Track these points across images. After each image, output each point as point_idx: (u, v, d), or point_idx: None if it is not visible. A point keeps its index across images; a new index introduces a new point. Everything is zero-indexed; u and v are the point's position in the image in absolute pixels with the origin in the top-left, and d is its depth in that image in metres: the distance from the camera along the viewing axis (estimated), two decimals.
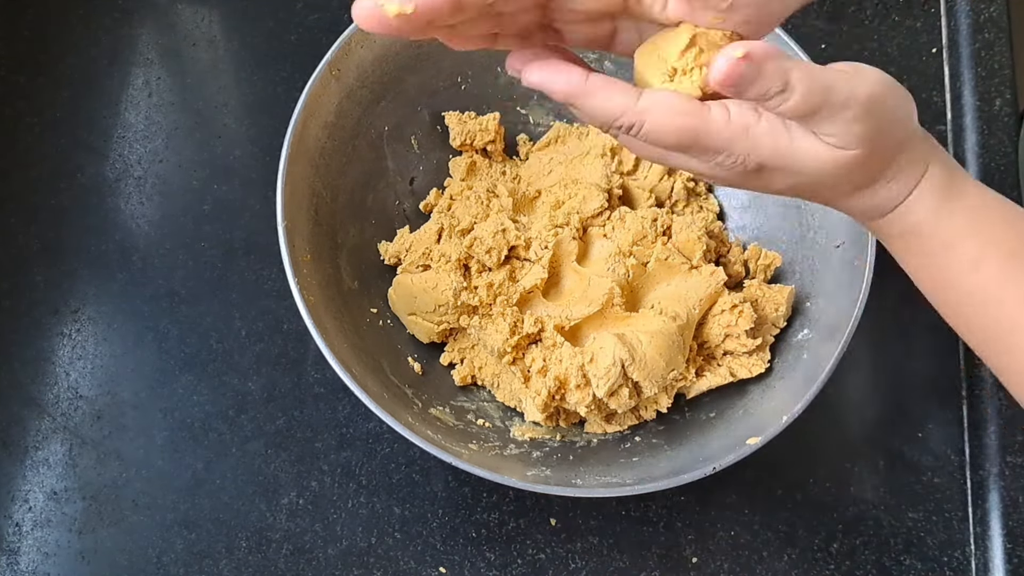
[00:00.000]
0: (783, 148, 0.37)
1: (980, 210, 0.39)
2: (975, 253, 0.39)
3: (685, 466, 0.52)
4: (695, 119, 0.36)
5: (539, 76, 0.37)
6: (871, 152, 0.37)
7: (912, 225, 0.40)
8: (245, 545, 0.59)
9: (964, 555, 0.60)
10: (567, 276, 0.60)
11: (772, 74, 0.34)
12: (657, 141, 0.37)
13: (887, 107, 0.37)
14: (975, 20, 0.71)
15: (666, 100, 0.36)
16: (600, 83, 0.37)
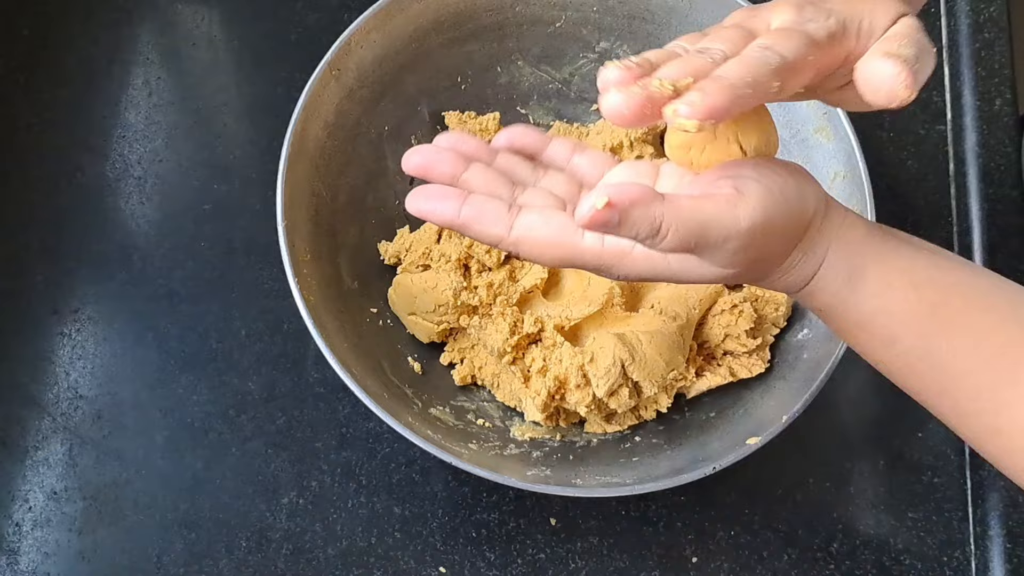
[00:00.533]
0: (660, 270, 0.37)
1: (885, 285, 0.38)
2: (887, 332, 0.39)
3: (685, 466, 0.52)
4: (566, 249, 0.37)
5: (421, 205, 0.39)
6: (754, 267, 0.37)
7: (826, 303, 0.40)
8: (245, 545, 0.59)
9: (964, 555, 0.60)
10: (567, 276, 0.60)
11: (639, 220, 0.33)
12: (536, 261, 0.38)
13: (772, 227, 0.36)
14: (975, 20, 0.71)
15: (536, 231, 0.37)
16: (474, 213, 0.38)
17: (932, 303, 0.38)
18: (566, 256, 0.37)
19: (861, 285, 0.38)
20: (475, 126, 0.64)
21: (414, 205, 0.39)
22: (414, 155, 0.41)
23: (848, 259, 0.38)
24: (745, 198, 0.35)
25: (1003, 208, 0.67)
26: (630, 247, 0.37)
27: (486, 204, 0.38)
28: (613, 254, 0.37)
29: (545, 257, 0.38)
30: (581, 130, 0.66)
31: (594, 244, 0.37)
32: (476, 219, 0.38)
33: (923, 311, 0.38)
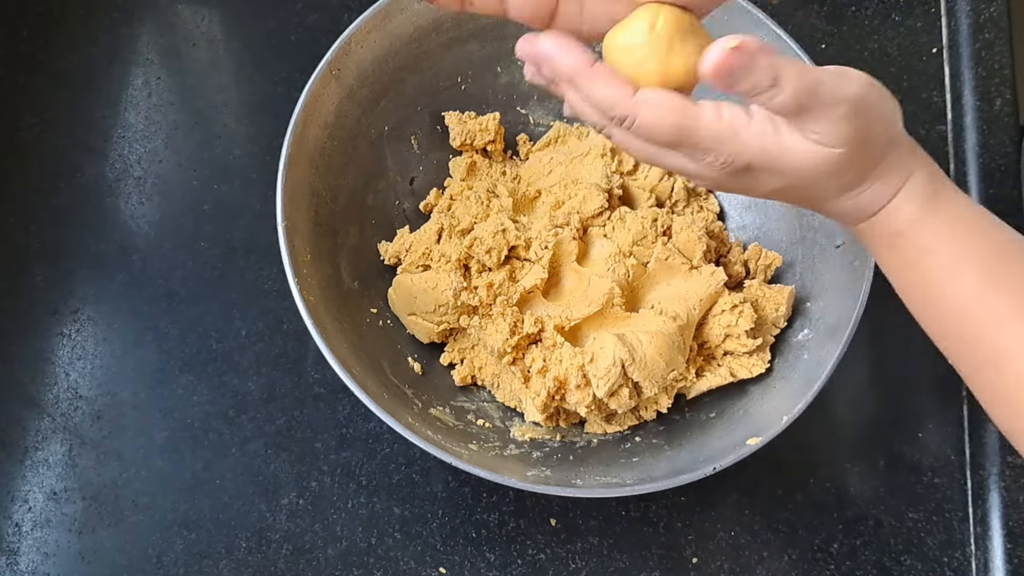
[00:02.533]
0: (771, 148, 0.37)
1: (960, 220, 0.40)
2: (953, 262, 0.40)
3: (685, 466, 0.52)
4: (686, 117, 0.37)
5: (551, 45, 0.38)
6: (857, 152, 0.38)
7: (893, 229, 0.40)
8: (245, 545, 0.59)
9: (964, 555, 0.60)
10: (567, 276, 0.60)
11: (763, 68, 0.34)
12: (648, 135, 0.38)
13: (874, 109, 0.37)
14: (975, 20, 0.71)
15: (660, 96, 0.37)
16: (605, 70, 0.37)
17: (999, 242, 0.40)
18: (683, 126, 0.37)
19: (940, 209, 0.40)
20: (475, 126, 0.64)
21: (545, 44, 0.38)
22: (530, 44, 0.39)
23: (931, 183, 0.40)
24: (849, 75, 0.37)
25: (1004, 208, 0.67)
26: (745, 121, 0.37)
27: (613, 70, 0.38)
28: (730, 126, 0.37)
29: (660, 124, 0.37)
30: (581, 130, 0.66)
31: (712, 114, 0.37)
32: (606, 74, 0.37)
33: (991, 247, 0.40)
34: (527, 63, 0.40)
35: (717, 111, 0.37)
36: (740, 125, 0.37)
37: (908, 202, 0.40)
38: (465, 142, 0.64)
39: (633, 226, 0.60)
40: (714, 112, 0.37)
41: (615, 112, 0.37)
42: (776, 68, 0.35)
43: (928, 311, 0.42)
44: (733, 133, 0.37)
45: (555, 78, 0.39)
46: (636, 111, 0.37)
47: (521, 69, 0.66)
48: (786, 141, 0.37)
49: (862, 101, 0.36)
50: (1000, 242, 0.40)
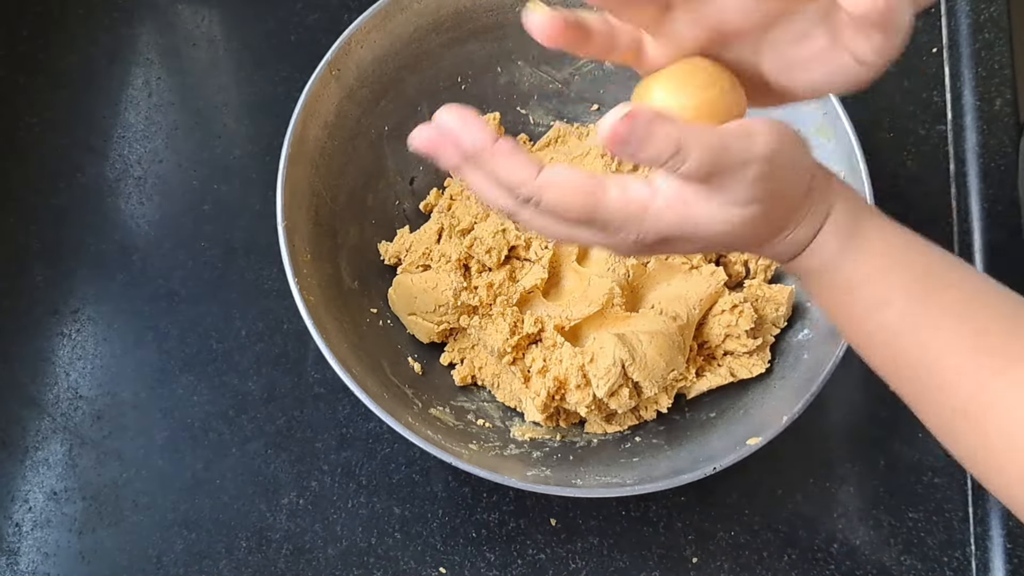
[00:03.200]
0: (681, 219, 0.36)
1: (883, 252, 0.39)
2: (878, 296, 0.39)
3: (685, 466, 0.52)
4: (592, 195, 0.36)
5: (453, 120, 0.36)
6: (771, 207, 0.37)
7: (817, 266, 0.40)
8: (245, 545, 0.59)
9: (964, 555, 0.60)
10: (567, 276, 0.60)
11: (661, 137, 0.33)
12: (556, 215, 0.36)
13: (785, 161, 0.36)
14: (975, 20, 0.71)
15: (566, 177, 0.36)
16: (508, 145, 0.36)
17: (926, 272, 0.39)
18: (589, 206, 0.36)
19: (863, 244, 0.39)
20: None
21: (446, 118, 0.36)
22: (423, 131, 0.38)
23: (852, 218, 0.39)
24: (758, 130, 0.35)
25: (1003, 208, 0.67)
26: (651, 198, 0.36)
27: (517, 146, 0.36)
28: (638, 204, 0.36)
29: (569, 207, 0.36)
30: (581, 130, 0.66)
31: (618, 195, 0.36)
32: (509, 153, 0.36)
33: (918, 277, 0.39)
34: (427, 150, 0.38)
35: (623, 190, 0.36)
36: (647, 201, 0.36)
37: (828, 241, 0.39)
38: None
39: None
40: (620, 191, 0.36)
41: (520, 192, 0.36)
42: (677, 135, 0.34)
43: (861, 342, 0.41)
44: (641, 210, 0.36)
45: (456, 160, 0.37)
46: (540, 193, 0.36)
47: (521, 69, 0.66)
48: (696, 210, 0.36)
49: (771, 158, 0.35)
50: (924, 273, 0.39)
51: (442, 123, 0.36)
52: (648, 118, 0.33)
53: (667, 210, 0.36)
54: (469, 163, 0.36)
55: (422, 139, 0.37)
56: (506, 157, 0.36)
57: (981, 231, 0.66)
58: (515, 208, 0.37)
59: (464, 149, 0.36)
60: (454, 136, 0.36)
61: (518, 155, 0.36)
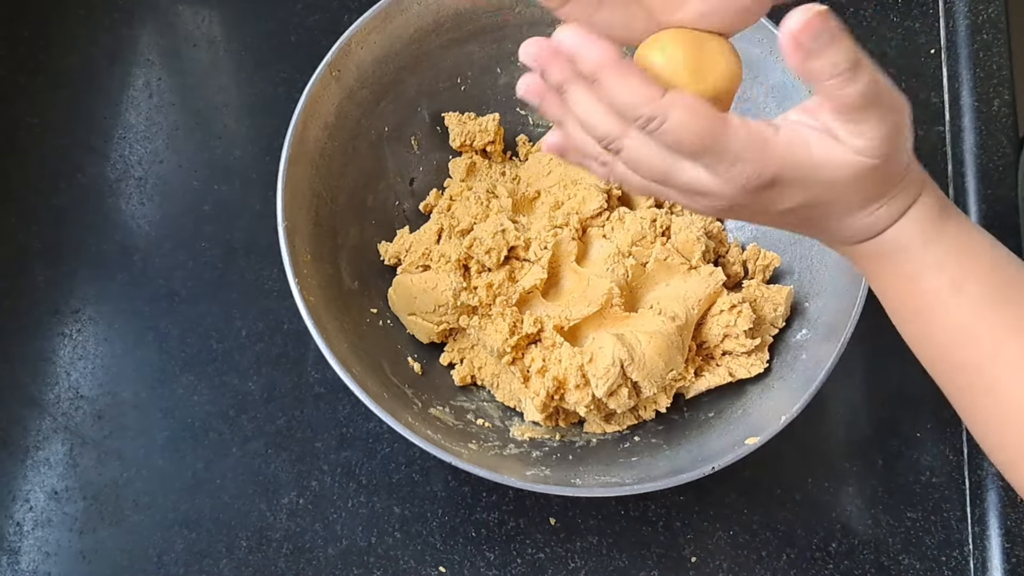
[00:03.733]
0: (802, 159, 0.35)
1: (963, 244, 0.39)
2: (951, 285, 0.38)
3: (684, 466, 0.52)
4: (717, 123, 0.35)
5: (574, 36, 0.35)
6: (886, 166, 0.36)
7: (898, 247, 0.39)
8: (245, 545, 0.59)
9: (962, 555, 0.60)
10: (566, 276, 0.60)
11: (845, 48, 0.32)
12: (676, 140, 0.35)
13: (908, 126, 0.36)
14: (973, 21, 0.71)
15: (691, 99, 0.35)
16: (633, 66, 0.35)
17: (1004, 260, 0.39)
18: (713, 130, 0.34)
19: (941, 235, 0.39)
20: (475, 127, 0.64)
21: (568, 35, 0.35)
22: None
23: (935, 210, 0.39)
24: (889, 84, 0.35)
25: (1001, 209, 0.67)
26: (773, 133, 0.35)
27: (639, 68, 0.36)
28: (759, 136, 0.35)
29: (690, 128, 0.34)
30: None
31: (742, 125, 0.35)
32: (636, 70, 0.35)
33: (995, 264, 0.39)
34: (532, 68, 0.37)
35: (744, 121, 0.35)
36: (769, 135, 0.35)
37: (914, 223, 0.39)
38: (465, 143, 0.64)
39: (632, 226, 0.60)
40: (741, 121, 0.35)
41: (642, 112, 0.34)
42: (857, 53, 0.32)
43: (922, 335, 0.41)
44: (763, 142, 0.35)
45: (565, 80, 0.36)
46: (666, 113, 0.34)
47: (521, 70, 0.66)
48: (818, 151, 0.35)
49: (908, 116, 0.35)
50: (1001, 268, 0.39)
51: (562, 39, 0.35)
52: (838, 25, 0.32)
53: (787, 147, 0.35)
54: (581, 82, 0.35)
55: (530, 54, 0.36)
56: (633, 74, 0.34)
57: None
58: (621, 133, 0.36)
59: (586, 64, 0.35)
60: (575, 51, 0.35)
61: (644, 74, 0.35)
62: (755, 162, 0.35)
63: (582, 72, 0.35)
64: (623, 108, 0.35)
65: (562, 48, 0.35)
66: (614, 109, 0.35)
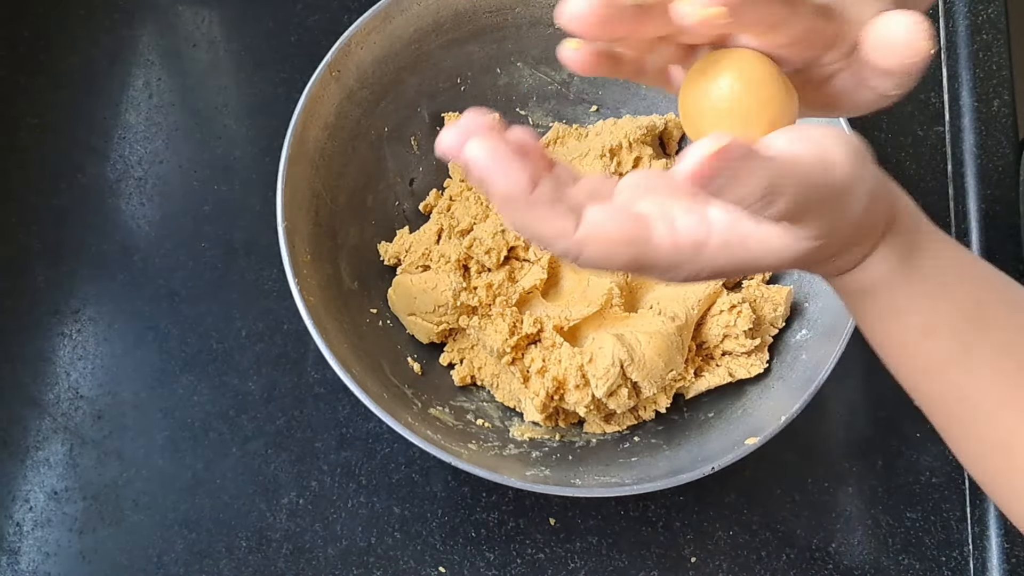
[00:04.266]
0: (740, 257, 0.33)
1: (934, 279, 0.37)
2: (923, 324, 0.37)
3: (684, 466, 0.52)
4: (636, 247, 0.32)
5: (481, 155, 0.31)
6: (832, 239, 0.34)
7: (864, 287, 0.37)
8: (245, 545, 0.59)
9: (962, 555, 0.60)
10: (566, 276, 0.60)
11: (756, 178, 0.29)
12: (600, 266, 0.33)
13: (864, 189, 0.33)
14: (973, 21, 0.71)
15: (606, 229, 0.32)
16: (546, 195, 0.32)
17: (977, 300, 0.37)
18: (637, 256, 0.32)
19: (915, 269, 0.36)
20: None
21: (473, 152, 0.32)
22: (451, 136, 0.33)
23: (907, 240, 0.36)
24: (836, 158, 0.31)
25: (1001, 209, 0.67)
26: (705, 236, 0.33)
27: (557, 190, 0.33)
28: (690, 246, 0.33)
29: (613, 258, 0.32)
30: (580, 131, 0.66)
31: (666, 239, 0.33)
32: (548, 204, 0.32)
33: (968, 306, 0.37)
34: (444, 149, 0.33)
35: (672, 231, 0.32)
36: (700, 243, 0.33)
37: (880, 262, 0.36)
38: None
39: None
40: (668, 232, 0.32)
41: (558, 246, 0.32)
42: (769, 176, 0.29)
43: (902, 369, 0.39)
44: (694, 251, 0.33)
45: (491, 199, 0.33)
46: (581, 249, 0.32)
47: (520, 70, 0.66)
48: (756, 246, 0.33)
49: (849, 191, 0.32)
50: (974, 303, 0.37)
51: (473, 157, 0.32)
52: (741, 155, 0.28)
53: (724, 249, 0.33)
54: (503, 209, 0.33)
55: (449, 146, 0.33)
56: (541, 209, 0.32)
57: (978, 232, 0.66)
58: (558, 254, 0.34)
59: (493, 194, 0.32)
60: (483, 178, 0.32)
61: (556, 204, 0.32)
62: (688, 270, 0.33)
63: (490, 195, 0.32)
64: (540, 242, 0.33)
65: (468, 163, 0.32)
66: None
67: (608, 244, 0.32)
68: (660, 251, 0.32)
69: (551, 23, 0.64)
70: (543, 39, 0.64)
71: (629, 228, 0.32)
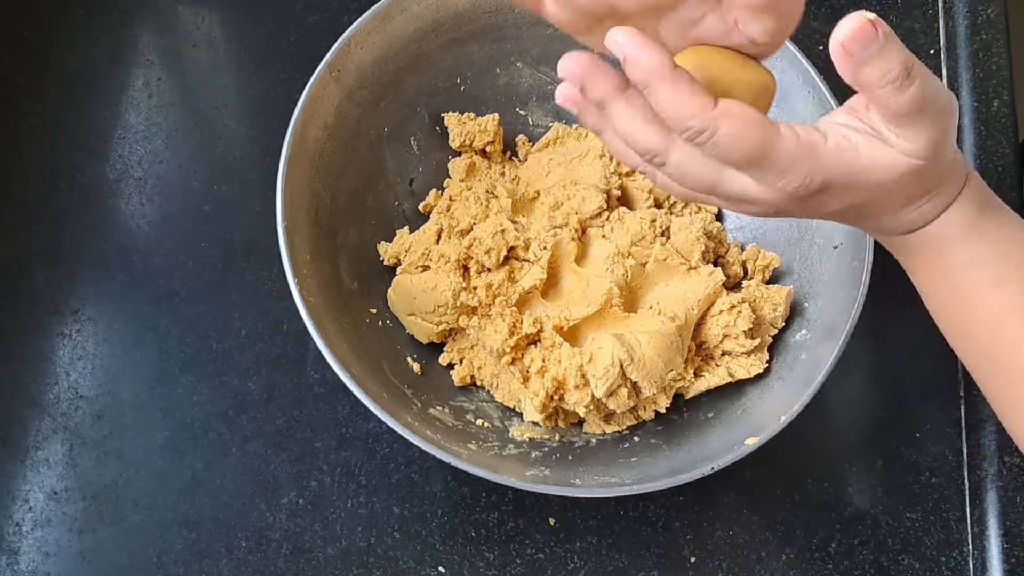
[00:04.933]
0: (851, 164, 0.35)
1: (1005, 237, 0.40)
2: (992, 278, 0.39)
3: (684, 466, 0.52)
4: (768, 133, 0.34)
5: (629, 43, 0.33)
6: (933, 166, 0.36)
7: (941, 240, 0.40)
8: (245, 545, 0.59)
9: (962, 555, 0.60)
10: (566, 276, 0.60)
11: (897, 56, 0.32)
12: (727, 151, 0.34)
13: (954, 122, 0.36)
14: (973, 21, 0.71)
15: (742, 110, 0.34)
16: (686, 76, 0.33)
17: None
18: (764, 143, 0.34)
19: (983, 229, 0.39)
20: (474, 127, 0.64)
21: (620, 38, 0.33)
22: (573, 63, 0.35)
23: (978, 203, 0.39)
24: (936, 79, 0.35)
25: None
26: (822, 139, 0.35)
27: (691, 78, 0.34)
28: (810, 145, 0.35)
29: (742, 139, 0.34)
30: (580, 131, 0.66)
31: (791, 135, 0.35)
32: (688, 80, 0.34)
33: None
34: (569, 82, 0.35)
35: (793, 129, 0.35)
36: (818, 142, 0.35)
37: (957, 216, 0.39)
38: (464, 143, 0.64)
39: (632, 227, 0.60)
40: (790, 130, 0.35)
41: (691, 124, 0.33)
42: (909, 58, 0.32)
43: (960, 326, 0.41)
44: (812, 150, 0.35)
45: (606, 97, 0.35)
46: (716, 124, 0.33)
47: (520, 70, 0.66)
48: (867, 155, 0.35)
49: (954, 114, 0.36)
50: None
51: (617, 40, 0.33)
52: (888, 32, 0.32)
53: (836, 153, 0.35)
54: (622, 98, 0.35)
55: (568, 70, 0.35)
56: (684, 83, 0.33)
57: None
58: (665, 148, 0.35)
59: (637, 70, 0.33)
60: (627, 55, 0.33)
61: (695, 83, 0.34)
62: (805, 172, 0.35)
63: (632, 77, 0.34)
64: (673, 119, 0.34)
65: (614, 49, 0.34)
66: (660, 119, 0.35)
67: (743, 124, 0.34)
68: (786, 143, 0.34)
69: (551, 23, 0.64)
70: (543, 39, 0.64)
71: (761, 115, 0.34)
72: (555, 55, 0.64)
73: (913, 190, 0.38)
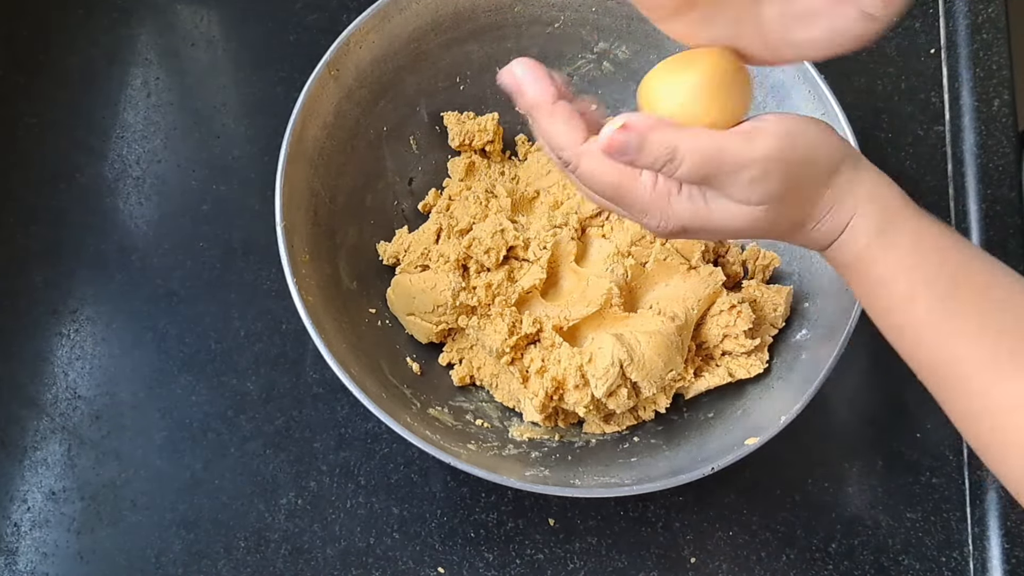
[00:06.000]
0: (700, 213, 0.39)
1: (913, 249, 0.40)
2: (906, 291, 0.40)
3: (684, 466, 0.52)
4: (622, 177, 0.38)
5: (521, 71, 0.39)
6: (782, 204, 0.38)
7: (849, 260, 0.41)
8: (243, 545, 0.59)
9: (962, 555, 0.60)
10: (566, 276, 0.60)
11: (656, 145, 0.36)
12: (588, 185, 0.39)
13: (791, 160, 0.37)
14: (973, 21, 0.71)
15: (601, 154, 0.38)
16: (564, 111, 0.39)
17: (956, 273, 0.40)
18: (617, 183, 0.38)
19: (892, 240, 0.40)
20: (474, 126, 0.64)
21: (516, 69, 0.40)
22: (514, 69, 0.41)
23: (881, 213, 0.40)
24: (762, 131, 0.37)
25: (1001, 209, 0.67)
26: (676, 189, 0.39)
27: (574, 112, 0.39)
28: (662, 195, 0.39)
29: (598, 178, 0.39)
30: None
31: (647, 184, 0.39)
32: (564, 115, 0.39)
33: (945, 275, 0.39)
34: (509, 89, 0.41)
35: (652, 180, 0.38)
36: (671, 194, 0.39)
37: (857, 236, 0.40)
38: (464, 142, 0.64)
39: (631, 226, 0.60)
40: (650, 180, 0.38)
41: (562, 155, 0.39)
42: (670, 144, 0.36)
43: (891, 335, 0.42)
44: (664, 201, 0.39)
45: (522, 107, 0.40)
46: (578, 161, 0.39)
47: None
48: (714, 205, 0.39)
49: (772, 159, 0.37)
50: (951, 271, 0.40)
51: (512, 70, 0.40)
52: (644, 128, 0.36)
53: (686, 202, 0.39)
54: (529, 114, 0.40)
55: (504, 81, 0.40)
56: (557, 119, 0.39)
57: (979, 232, 0.66)
58: (559, 165, 0.40)
59: (523, 100, 0.40)
60: (517, 87, 0.40)
61: (571, 120, 0.39)
62: (659, 216, 0.39)
63: (519, 106, 0.40)
64: (549, 145, 0.40)
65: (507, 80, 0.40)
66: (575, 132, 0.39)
67: (599, 165, 0.38)
68: (638, 191, 0.39)
69: (550, 22, 0.64)
70: (542, 38, 0.64)
71: (615, 165, 0.38)
72: (554, 54, 0.65)
73: (780, 225, 0.40)
